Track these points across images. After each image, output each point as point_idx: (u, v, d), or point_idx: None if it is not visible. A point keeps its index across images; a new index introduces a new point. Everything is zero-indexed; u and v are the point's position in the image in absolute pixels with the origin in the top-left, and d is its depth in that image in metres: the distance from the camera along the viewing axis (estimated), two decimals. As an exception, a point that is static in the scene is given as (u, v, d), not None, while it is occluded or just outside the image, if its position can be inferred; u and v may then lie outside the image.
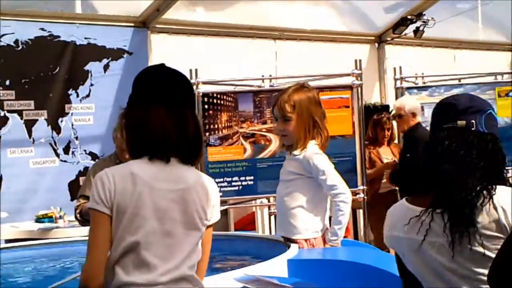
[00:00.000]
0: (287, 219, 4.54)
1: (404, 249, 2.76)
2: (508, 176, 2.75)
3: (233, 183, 7.67)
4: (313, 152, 4.48)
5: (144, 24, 8.96)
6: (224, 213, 8.21)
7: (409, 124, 7.63)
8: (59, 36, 8.33)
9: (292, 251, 4.22)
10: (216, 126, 7.65)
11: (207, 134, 7.50)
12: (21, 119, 8.08)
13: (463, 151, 2.66)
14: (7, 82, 8.01)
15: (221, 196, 3.10)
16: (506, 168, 2.77)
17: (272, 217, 8.44)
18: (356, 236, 9.13)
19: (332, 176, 4.47)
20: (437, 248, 2.63)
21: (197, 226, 2.87)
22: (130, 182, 2.77)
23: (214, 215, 2.97)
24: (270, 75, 8.53)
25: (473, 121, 2.77)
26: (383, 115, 8.47)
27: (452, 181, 2.59)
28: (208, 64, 8.62)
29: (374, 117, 8.55)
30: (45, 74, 8.22)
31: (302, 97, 4.53)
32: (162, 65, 3.06)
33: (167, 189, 2.81)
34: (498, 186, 2.59)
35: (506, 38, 13.50)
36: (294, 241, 4.46)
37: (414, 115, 7.61)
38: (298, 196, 4.52)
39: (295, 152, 4.52)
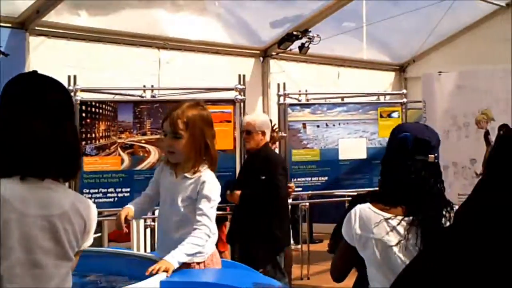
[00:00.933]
0: (176, 245, 4.29)
1: (371, 247, 3.30)
2: None
3: (109, 195, 7.45)
4: (211, 177, 4.33)
5: (23, 25, 8.57)
6: (98, 224, 7.97)
7: (257, 143, 7.35)
8: None
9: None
10: (93, 135, 7.39)
11: (83, 143, 7.23)
12: None
13: (433, 179, 3.40)
14: None
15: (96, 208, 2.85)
16: None
17: (148, 230, 8.24)
18: (233, 253, 9.05)
19: (212, 210, 4.28)
20: (403, 249, 3.24)
21: (68, 256, 2.63)
22: None
23: (86, 242, 2.74)
24: (152, 85, 8.34)
25: (437, 154, 3.46)
26: (276, 132, 8.31)
27: (425, 201, 3.31)
28: (88, 71, 8.36)
29: None
30: None
31: (197, 116, 4.32)
32: (34, 72, 2.81)
33: (38, 215, 2.54)
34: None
35: (390, 59, 13.78)
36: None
37: (263, 133, 7.37)
38: (192, 221, 4.30)
39: (188, 175, 4.31)
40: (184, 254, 4.11)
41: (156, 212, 5.66)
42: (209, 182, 4.29)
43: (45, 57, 8.45)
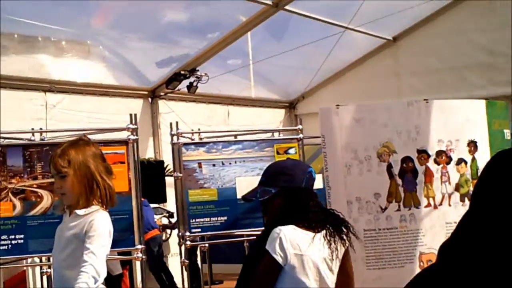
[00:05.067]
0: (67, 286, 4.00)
1: (305, 264, 3.61)
2: None
3: (2, 242, 7.08)
4: (101, 215, 4.06)
5: None
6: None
7: None
8: None
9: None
10: (-18, 182, 7.04)
11: (-28, 190, 6.88)
12: None
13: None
14: None
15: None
16: None
17: (45, 277, 7.89)
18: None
19: (102, 249, 3.97)
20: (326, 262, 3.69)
21: None
22: None
23: None
24: (41, 128, 8.04)
25: None
26: None
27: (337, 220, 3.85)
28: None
29: None
30: None
31: (79, 151, 4.13)
32: None
33: None
34: None
35: (279, 96, 13.82)
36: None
37: None
38: (80, 261, 3.94)
39: (79, 212, 4.05)
40: None
41: (52, 259, 5.37)
42: (98, 220, 4.03)
43: None
